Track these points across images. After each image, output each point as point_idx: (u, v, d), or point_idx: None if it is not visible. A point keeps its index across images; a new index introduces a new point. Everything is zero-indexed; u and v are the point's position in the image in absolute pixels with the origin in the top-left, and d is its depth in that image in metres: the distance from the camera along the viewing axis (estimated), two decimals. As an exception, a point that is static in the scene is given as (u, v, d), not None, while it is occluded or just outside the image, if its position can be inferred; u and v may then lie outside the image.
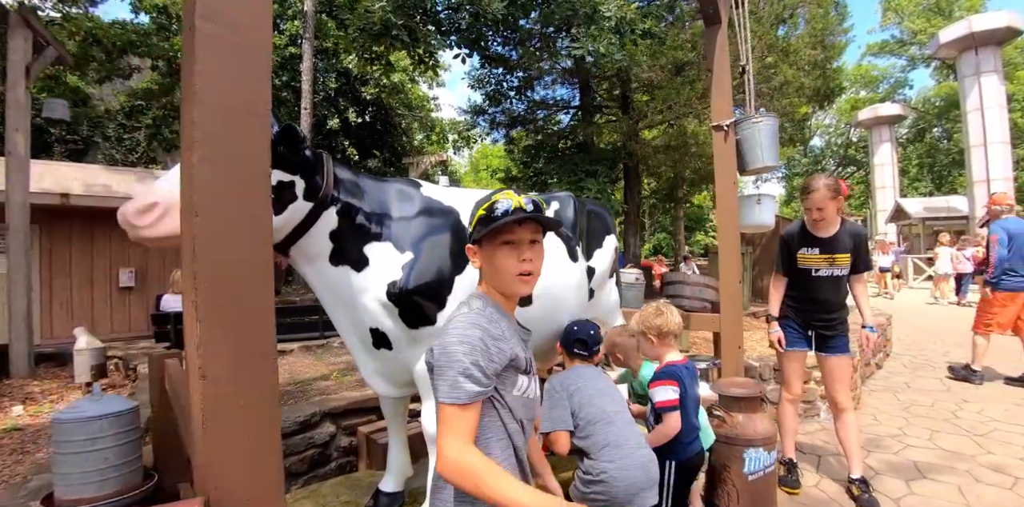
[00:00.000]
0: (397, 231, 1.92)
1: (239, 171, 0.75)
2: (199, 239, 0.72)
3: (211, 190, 0.73)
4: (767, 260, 7.91)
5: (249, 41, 0.76)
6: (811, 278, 2.91)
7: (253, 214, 0.77)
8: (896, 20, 34.72)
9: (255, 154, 0.78)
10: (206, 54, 0.72)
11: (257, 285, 0.78)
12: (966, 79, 21.32)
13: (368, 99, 12.75)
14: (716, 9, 3.02)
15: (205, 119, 0.72)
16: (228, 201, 0.75)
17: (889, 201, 26.65)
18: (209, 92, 0.72)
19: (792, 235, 2.97)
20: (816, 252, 2.87)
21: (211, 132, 0.73)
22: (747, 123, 2.95)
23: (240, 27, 0.75)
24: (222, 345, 0.74)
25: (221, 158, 0.74)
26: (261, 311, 0.79)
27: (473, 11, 5.43)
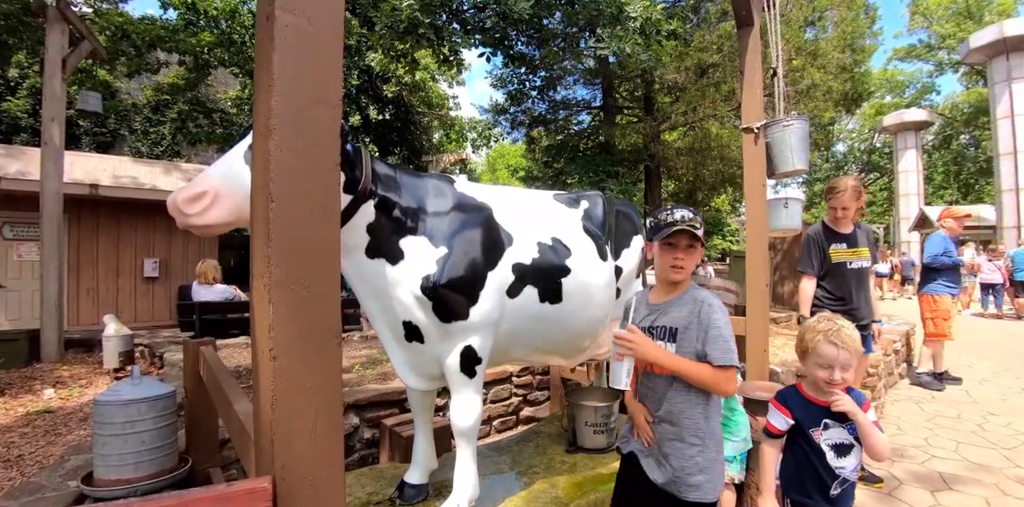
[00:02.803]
0: (432, 226, 1.94)
1: (312, 158, 0.78)
2: (274, 223, 0.74)
3: (287, 176, 0.75)
4: (788, 266, 7.81)
5: (324, 32, 0.78)
6: (847, 271, 3.13)
7: (325, 199, 0.80)
8: (924, 24, 34.01)
9: (328, 142, 0.80)
10: (284, 44, 0.74)
11: (326, 269, 0.80)
12: (996, 85, 20.83)
13: (389, 97, 12.84)
14: (749, 11, 3.00)
15: (282, 107, 0.74)
16: (302, 187, 0.77)
17: (913, 209, 26.11)
18: (287, 81, 0.75)
19: (819, 234, 3.18)
20: (844, 246, 3.13)
21: (288, 120, 0.75)
22: (777, 126, 2.93)
23: (316, 18, 0.77)
24: (292, 327, 0.77)
25: (297, 145, 0.76)
26: (329, 295, 0.81)
27: (499, 11, 5.45)
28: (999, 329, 9.65)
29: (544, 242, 2.16)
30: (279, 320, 0.75)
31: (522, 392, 4.04)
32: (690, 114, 6.20)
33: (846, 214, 3.13)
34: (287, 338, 0.76)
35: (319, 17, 0.77)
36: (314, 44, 0.77)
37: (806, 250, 3.20)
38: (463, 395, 2.00)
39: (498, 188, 2.36)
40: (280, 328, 0.75)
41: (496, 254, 2.01)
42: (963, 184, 34.49)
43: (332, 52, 0.79)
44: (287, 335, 0.76)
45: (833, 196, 3.15)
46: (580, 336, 2.34)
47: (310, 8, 0.76)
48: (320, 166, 0.78)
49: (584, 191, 2.66)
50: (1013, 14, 29.21)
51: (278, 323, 0.75)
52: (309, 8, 0.76)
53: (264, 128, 0.75)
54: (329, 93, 0.80)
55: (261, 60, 0.78)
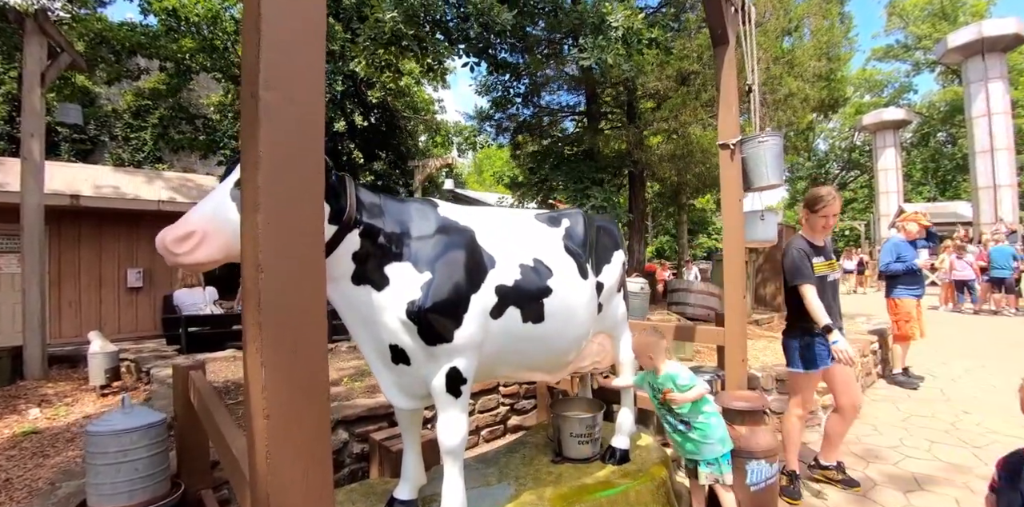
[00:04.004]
0: (416, 251, 1.99)
1: (299, 230, 0.83)
2: (264, 292, 0.79)
3: (275, 249, 0.80)
4: (771, 268, 7.97)
5: (306, 109, 0.83)
6: (827, 284, 3.12)
7: (312, 267, 0.85)
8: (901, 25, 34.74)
9: (313, 214, 0.85)
10: (269, 122, 0.79)
11: (314, 331, 0.85)
12: (972, 85, 21.35)
13: (374, 102, 12.82)
14: (724, 30, 3.09)
15: (269, 184, 0.79)
16: (290, 257, 0.82)
17: (892, 206, 26.65)
18: (273, 159, 0.80)
19: (804, 247, 3.11)
20: (822, 260, 3.11)
21: (274, 196, 0.80)
22: (753, 142, 3.02)
23: (298, 96, 0.82)
24: (284, 387, 0.82)
25: (283, 219, 0.81)
26: (318, 355, 0.86)
27: (482, 21, 5.50)
28: (975, 325, 9.90)
29: (526, 263, 2.23)
30: (271, 381, 0.80)
31: (509, 401, 4.10)
32: (672, 121, 6.31)
33: (835, 220, 3.13)
34: (279, 397, 0.81)
35: (301, 95, 0.82)
36: (297, 121, 0.82)
37: (799, 262, 3.08)
38: (449, 414, 2.06)
39: (481, 210, 2.42)
40: (272, 388, 0.80)
41: (479, 277, 2.07)
42: (940, 181, 35.24)
43: (314, 128, 0.85)
44: (279, 394, 0.81)
45: (824, 206, 3.07)
46: (563, 353, 2.41)
47: (292, 87, 0.81)
48: (307, 235, 0.84)
49: (567, 209, 2.73)
50: (986, 15, 29.96)
51: (270, 384, 0.80)
52: (291, 87, 0.81)
53: (252, 203, 0.80)
54: (312, 167, 0.85)
55: (247, 137, 0.83)
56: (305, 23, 0.85)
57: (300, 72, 0.81)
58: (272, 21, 0.79)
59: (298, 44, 0.82)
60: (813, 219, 3.11)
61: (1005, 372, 6.24)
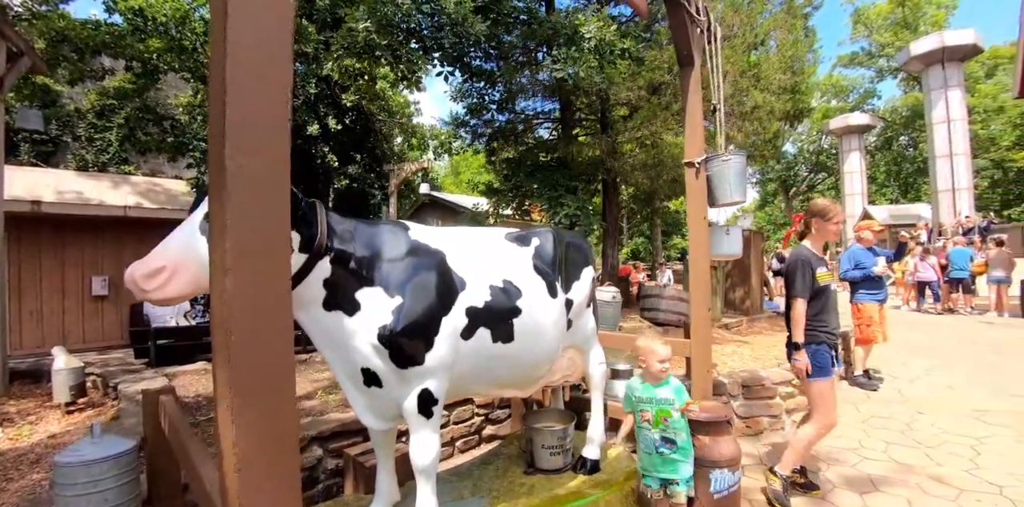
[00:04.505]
0: (387, 275, 2.02)
1: (267, 291, 0.86)
2: (235, 354, 0.83)
3: (245, 310, 0.84)
4: (739, 273, 8.20)
5: (274, 174, 0.86)
6: (830, 294, 3.20)
7: (281, 328, 0.89)
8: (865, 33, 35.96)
9: (279, 275, 0.89)
10: (237, 188, 0.83)
11: (284, 387, 0.89)
12: (933, 92, 22.19)
13: (348, 105, 12.71)
14: (690, 52, 3.20)
15: (236, 247, 0.82)
16: (258, 318, 0.86)
17: (858, 207, 27.55)
18: (240, 226, 0.83)
19: (809, 258, 3.16)
20: (825, 270, 3.19)
21: (242, 260, 0.83)
22: (717, 161, 3.13)
23: (268, 160, 0.85)
24: (254, 442, 0.85)
25: (251, 281, 0.85)
26: (286, 410, 0.90)
27: (457, 32, 5.54)
28: (935, 325, 10.32)
29: (496, 285, 2.28)
30: (242, 437, 0.83)
31: (483, 411, 4.15)
32: (643, 130, 6.44)
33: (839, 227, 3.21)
34: (250, 451, 0.84)
35: (270, 159, 0.86)
36: (264, 186, 0.86)
37: (800, 274, 3.14)
38: (421, 435, 2.10)
39: (452, 231, 2.46)
40: (243, 444, 0.83)
41: (450, 299, 2.12)
42: (903, 183, 36.49)
43: (280, 192, 0.88)
44: (250, 449, 0.84)
45: (835, 214, 3.16)
46: (533, 370, 2.47)
47: (260, 151, 0.85)
48: (274, 300, 0.87)
49: (537, 228, 2.79)
50: (945, 26, 31.21)
51: (241, 439, 0.83)
52: (260, 151, 0.85)
53: (221, 267, 0.83)
54: (278, 233, 0.88)
55: (215, 202, 0.86)
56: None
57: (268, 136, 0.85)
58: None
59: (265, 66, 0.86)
60: (826, 227, 3.19)
61: (959, 371, 6.55)
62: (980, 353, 7.51)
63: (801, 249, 3.26)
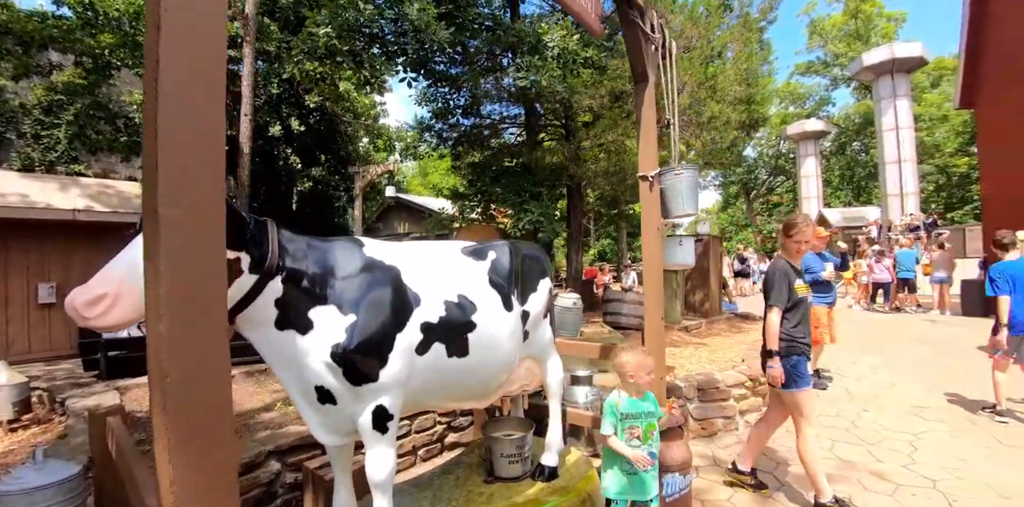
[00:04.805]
0: (341, 293, 2.03)
1: (201, 337, 0.88)
2: (169, 395, 0.84)
3: (177, 354, 0.85)
4: (699, 276, 8.44)
5: (206, 227, 0.88)
6: (805, 305, 3.31)
7: (216, 368, 0.90)
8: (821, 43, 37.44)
9: (214, 321, 0.90)
10: (168, 241, 0.83)
11: (221, 427, 0.90)
12: (883, 101, 23.26)
13: (312, 106, 12.50)
14: (644, 68, 3.30)
15: (169, 293, 0.83)
16: (193, 362, 0.87)
17: (813, 210, 28.66)
18: (173, 272, 0.84)
19: (787, 269, 3.26)
20: (801, 281, 3.30)
21: (176, 305, 0.84)
22: (670, 174, 3.24)
23: (200, 213, 0.86)
24: (191, 482, 0.86)
25: (184, 329, 0.86)
26: (224, 450, 0.91)
27: (420, 38, 5.53)
28: (884, 323, 10.84)
29: (450, 300, 2.31)
30: (179, 477, 0.84)
31: (446, 419, 4.17)
32: (605, 137, 6.56)
33: (808, 247, 3.36)
34: (188, 492, 0.85)
35: (203, 211, 0.87)
36: (199, 234, 0.87)
37: (779, 284, 3.22)
38: (377, 450, 2.11)
39: (407, 246, 2.48)
40: (181, 484, 0.84)
41: (404, 316, 2.14)
42: (856, 187, 38.11)
43: (216, 238, 0.90)
44: (187, 490, 0.85)
45: (798, 231, 3.26)
46: (489, 382, 2.51)
47: (194, 203, 0.86)
48: (210, 343, 0.88)
49: (494, 241, 2.83)
50: (894, 38, 32.80)
51: (179, 479, 0.84)
52: (193, 203, 0.86)
53: (155, 311, 0.84)
54: (213, 278, 0.89)
55: (149, 248, 0.87)
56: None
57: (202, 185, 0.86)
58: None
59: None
60: (788, 244, 3.33)
61: (904, 369, 6.92)
62: (922, 351, 7.94)
63: (778, 261, 3.34)
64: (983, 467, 3.96)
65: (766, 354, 3.23)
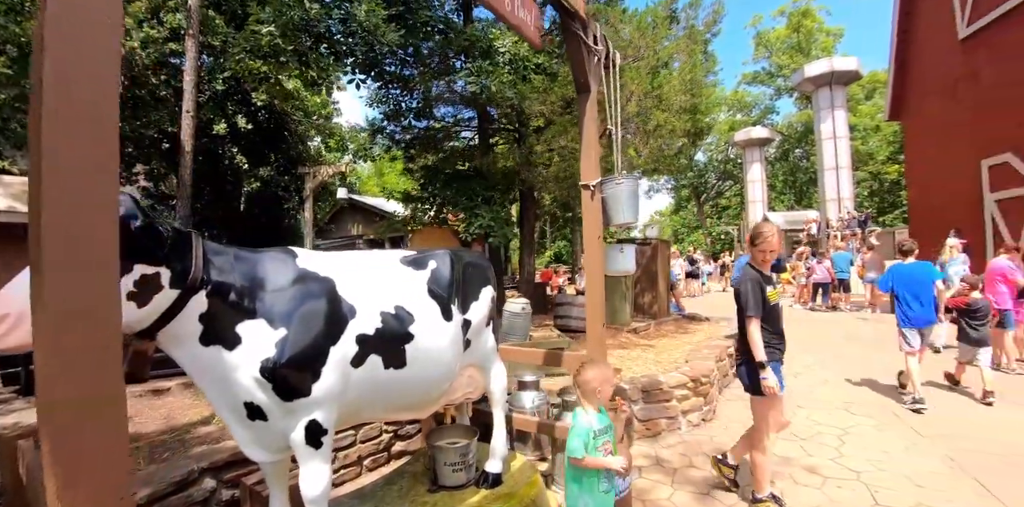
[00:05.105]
0: (271, 306, 1.98)
1: (93, 368, 0.83)
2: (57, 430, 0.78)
3: (66, 388, 0.80)
4: (647, 278, 8.68)
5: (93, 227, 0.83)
6: (778, 311, 3.34)
7: (110, 397, 0.85)
8: (766, 54, 39.23)
9: (107, 351, 0.85)
10: (53, 270, 0.79)
11: (114, 461, 0.85)
12: (822, 111, 24.61)
13: (259, 104, 12.08)
14: (586, 79, 3.37)
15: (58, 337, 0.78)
16: (83, 399, 0.81)
17: (759, 213, 29.97)
18: (58, 306, 0.79)
19: (757, 278, 3.27)
20: (772, 288, 3.33)
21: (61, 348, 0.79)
22: (611, 183, 3.32)
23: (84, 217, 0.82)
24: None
25: (74, 361, 0.81)
26: (119, 484, 0.86)
27: (369, 40, 5.45)
28: (822, 322, 11.43)
29: (387, 311, 2.29)
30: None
31: (392, 428, 4.12)
32: (555, 143, 6.66)
33: (774, 256, 3.31)
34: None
35: (91, 217, 0.82)
36: (82, 250, 0.82)
37: (752, 294, 3.20)
38: (310, 466, 2.07)
39: (344, 256, 2.44)
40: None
41: (338, 328, 2.11)
42: (798, 192, 40.07)
43: (108, 269, 0.85)
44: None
45: (763, 240, 3.27)
46: (428, 393, 2.50)
47: (81, 207, 0.81)
48: (102, 374, 0.83)
49: (435, 250, 2.81)
50: (833, 52, 34.78)
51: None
52: (80, 207, 0.81)
53: (41, 331, 0.79)
54: (104, 307, 0.85)
55: (34, 276, 0.81)
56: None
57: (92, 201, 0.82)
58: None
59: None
60: (754, 252, 3.37)
61: (836, 366, 7.32)
62: (854, 347, 8.42)
63: (747, 270, 3.35)
64: (903, 458, 4.23)
65: (758, 365, 3.16)
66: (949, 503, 3.47)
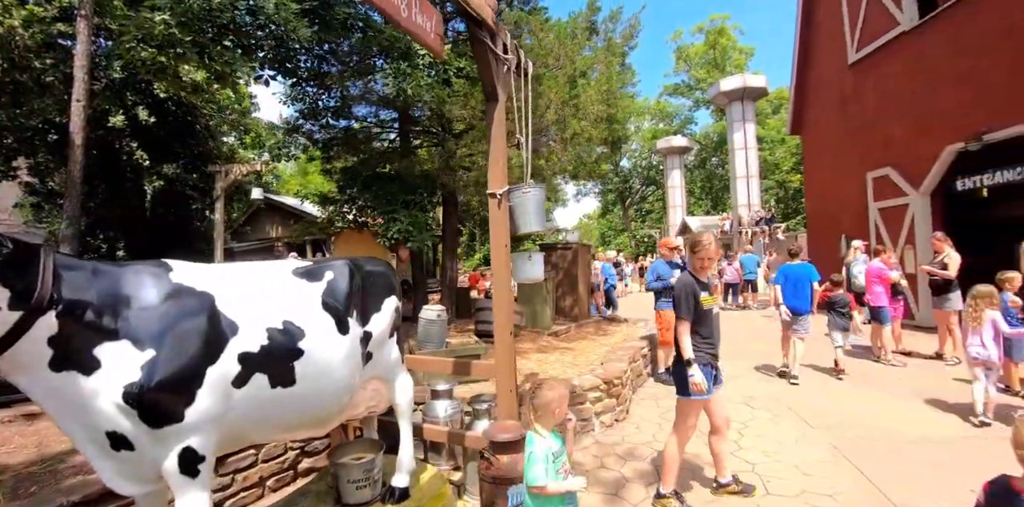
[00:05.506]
0: (136, 325, 1.81)
1: None
2: None
3: None
4: (568, 282, 8.88)
5: None
6: (712, 316, 3.48)
7: None
8: (685, 68, 41.55)
9: None
10: None
11: None
12: (734, 123, 26.39)
13: (163, 96, 11.20)
14: (495, 88, 3.37)
15: None
16: None
17: (679, 218, 31.64)
18: None
19: (691, 284, 3.43)
20: (707, 294, 3.46)
21: None
22: (518, 192, 3.35)
23: None
24: None
25: None
26: None
27: (279, 35, 5.18)
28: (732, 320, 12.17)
29: (274, 326, 2.17)
30: None
31: (299, 444, 3.93)
32: (474, 148, 6.65)
33: (711, 263, 3.50)
34: None
35: None
36: None
37: (683, 298, 3.39)
38: (187, 497, 1.92)
39: (229, 268, 2.29)
40: None
41: (217, 347, 1.97)
42: (714, 197, 42.66)
43: None
44: None
45: (701, 248, 3.44)
46: (323, 410, 2.40)
47: None
48: None
49: (333, 260, 2.71)
50: (745, 68, 37.44)
51: None
52: None
53: None
54: None
55: None
56: None
57: None
58: None
59: None
60: (693, 260, 3.51)
61: (742, 362, 7.80)
62: (759, 344, 9.03)
63: (684, 276, 3.53)
64: (794, 449, 4.56)
65: (684, 363, 3.35)
66: (831, 489, 3.76)
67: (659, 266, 6.64)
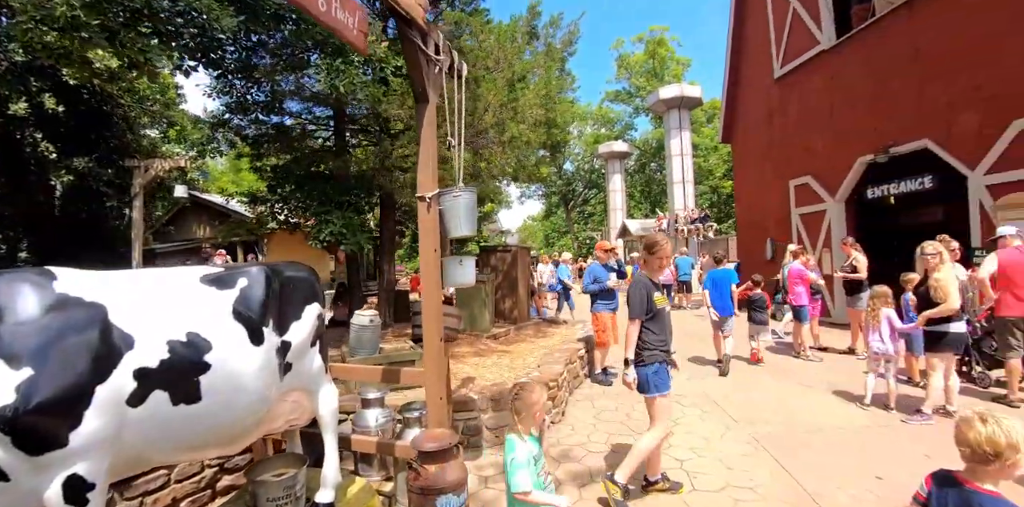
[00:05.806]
0: (10, 341, 1.62)
1: None
2: None
3: None
4: (507, 284, 8.90)
5: None
6: (665, 315, 3.59)
7: None
8: (626, 76, 42.82)
9: None
10: None
11: None
12: (671, 130, 27.43)
13: (73, 83, 10.32)
14: (424, 90, 3.31)
15: None
16: None
17: (619, 220, 32.52)
18: None
19: (646, 284, 3.52)
20: (660, 294, 3.56)
21: None
22: (449, 196, 3.30)
23: None
24: None
25: None
26: None
27: (199, 23, 4.86)
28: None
29: (177, 339, 2.02)
30: None
31: (218, 461, 3.68)
32: (411, 149, 6.52)
33: (668, 263, 3.63)
34: None
35: None
36: None
37: (638, 298, 3.47)
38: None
39: (125, 276, 2.10)
40: None
41: (107, 363, 1.80)
42: (652, 201, 44.14)
43: None
44: None
45: (659, 248, 3.55)
46: (234, 426, 2.25)
47: None
48: None
49: (248, 267, 2.55)
50: (682, 78, 39.07)
51: None
52: None
53: None
54: None
55: None
56: None
57: None
58: None
59: None
60: (651, 260, 3.60)
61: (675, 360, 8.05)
62: (690, 343, 9.37)
63: (639, 277, 3.61)
64: (719, 444, 4.74)
65: (625, 363, 3.51)
66: (751, 481, 3.95)
67: (595, 269, 6.77)
